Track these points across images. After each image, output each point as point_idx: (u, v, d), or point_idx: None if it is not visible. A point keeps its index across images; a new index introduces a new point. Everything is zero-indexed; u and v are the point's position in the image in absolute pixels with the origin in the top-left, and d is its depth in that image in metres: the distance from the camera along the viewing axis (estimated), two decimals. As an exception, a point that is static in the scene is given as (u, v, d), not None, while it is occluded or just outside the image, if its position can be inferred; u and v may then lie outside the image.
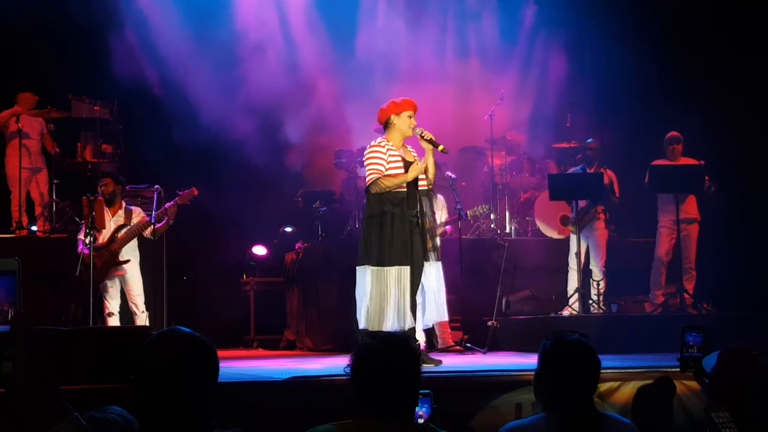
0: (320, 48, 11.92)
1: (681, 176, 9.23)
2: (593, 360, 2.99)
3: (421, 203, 6.52)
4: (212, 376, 2.09)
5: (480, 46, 12.43)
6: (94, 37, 10.65)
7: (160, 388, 2.00)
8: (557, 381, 2.94)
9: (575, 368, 2.94)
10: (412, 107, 6.65)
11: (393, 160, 6.51)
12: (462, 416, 4.64)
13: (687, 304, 8.93)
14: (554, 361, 2.98)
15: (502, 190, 11.22)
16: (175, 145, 10.74)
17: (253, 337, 11.40)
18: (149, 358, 2.03)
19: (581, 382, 2.94)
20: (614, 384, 4.98)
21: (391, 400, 2.65)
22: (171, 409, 1.99)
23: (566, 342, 3.00)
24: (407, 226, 6.44)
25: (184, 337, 2.09)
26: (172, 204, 8.47)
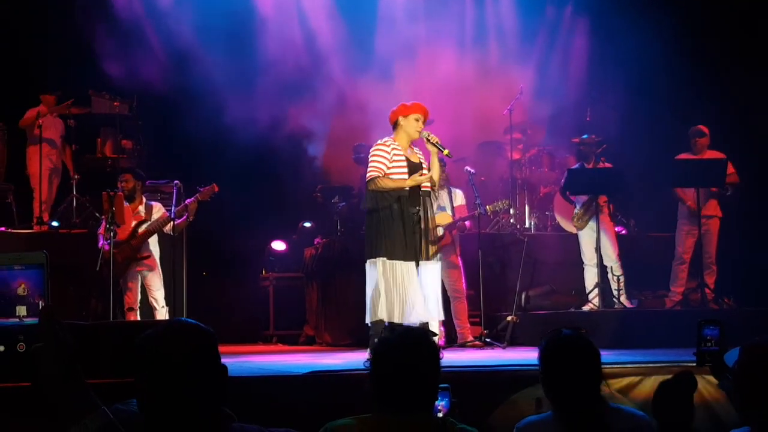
0: (339, 41, 11.91)
1: (702, 170, 9.15)
2: (590, 353, 2.97)
3: (423, 203, 6.58)
4: (218, 366, 2.05)
5: (500, 37, 12.38)
6: (115, 32, 10.69)
7: (166, 381, 1.96)
8: (557, 378, 2.94)
9: (572, 364, 2.93)
10: (421, 111, 6.67)
11: (397, 160, 6.57)
12: (481, 411, 4.62)
13: (708, 299, 8.87)
14: (551, 359, 2.98)
15: (522, 184, 11.19)
16: (195, 140, 10.77)
17: (272, 333, 11.42)
18: (153, 351, 1.99)
19: (581, 377, 2.93)
20: (635, 379, 4.95)
21: (410, 394, 2.65)
22: (178, 403, 1.96)
23: (561, 338, 2.99)
24: (409, 223, 6.51)
25: (188, 328, 2.05)
26: (192, 200, 8.49)
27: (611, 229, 9.36)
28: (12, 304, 1.79)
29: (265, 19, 11.70)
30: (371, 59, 11.70)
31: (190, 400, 1.96)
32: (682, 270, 9.45)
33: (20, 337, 1.74)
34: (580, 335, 3.01)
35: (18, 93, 10.70)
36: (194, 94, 10.65)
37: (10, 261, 1.81)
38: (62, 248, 9.55)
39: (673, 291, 9.45)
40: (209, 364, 2.01)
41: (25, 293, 1.81)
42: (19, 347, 1.73)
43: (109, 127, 10.92)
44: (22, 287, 1.81)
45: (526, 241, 9.54)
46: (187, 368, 1.97)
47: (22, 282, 1.81)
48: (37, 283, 1.82)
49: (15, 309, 1.79)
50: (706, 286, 8.93)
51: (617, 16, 11.40)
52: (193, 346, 2.00)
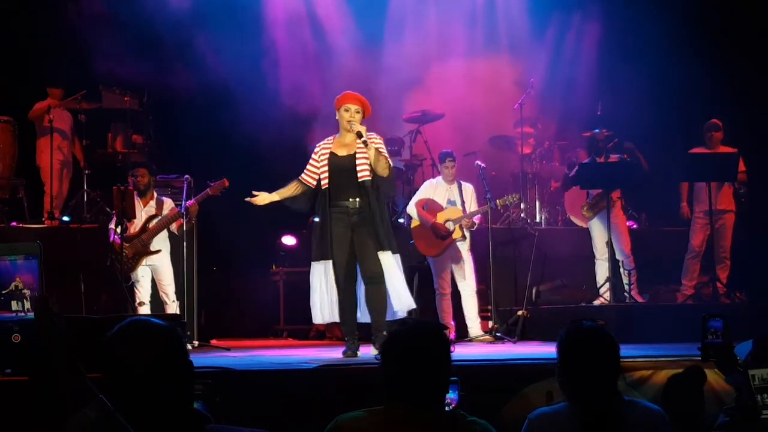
0: (349, 36, 11.91)
1: (714, 164, 9.12)
2: (611, 346, 2.95)
3: (362, 194, 6.43)
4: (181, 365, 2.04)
5: (510, 30, 12.36)
6: (123, 27, 10.70)
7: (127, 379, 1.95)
8: (576, 370, 2.92)
9: (592, 356, 2.91)
10: (351, 101, 6.54)
11: (322, 158, 6.60)
12: (492, 404, 4.62)
13: (719, 294, 8.84)
14: (571, 350, 2.96)
15: (532, 179, 11.17)
16: (205, 135, 10.78)
17: (282, 327, 11.43)
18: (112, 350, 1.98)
19: (600, 370, 2.91)
20: (646, 372, 4.94)
21: (420, 387, 2.64)
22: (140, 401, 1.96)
23: (581, 330, 2.98)
24: (327, 219, 6.47)
25: (146, 327, 2.05)
26: (192, 202, 8.45)
27: (623, 224, 9.34)
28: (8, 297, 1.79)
29: (275, 11, 11.71)
30: (381, 55, 11.69)
31: (153, 398, 1.96)
32: (695, 264, 9.43)
33: (15, 328, 1.73)
34: (601, 327, 2.99)
35: (28, 88, 10.72)
36: (204, 88, 10.66)
37: (4, 252, 1.81)
38: (73, 243, 9.58)
39: (685, 285, 9.42)
40: (171, 362, 2.01)
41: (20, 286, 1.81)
42: (14, 338, 1.73)
43: (119, 122, 10.93)
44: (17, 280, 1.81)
45: (536, 236, 9.53)
46: (146, 366, 1.96)
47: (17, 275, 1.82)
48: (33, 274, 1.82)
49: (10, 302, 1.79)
50: (718, 281, 8.91)
51: (629, 8, 11.37)
52: (152, 344, 2.00)
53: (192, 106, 10.76)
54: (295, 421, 3.69)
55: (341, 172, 6.49)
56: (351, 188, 6.44)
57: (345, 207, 6.45)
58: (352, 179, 6.44)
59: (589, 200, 9.33)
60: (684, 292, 9.37)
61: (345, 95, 6.59)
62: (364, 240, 6.40)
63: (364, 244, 6.41)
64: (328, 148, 6.59)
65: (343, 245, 6.44)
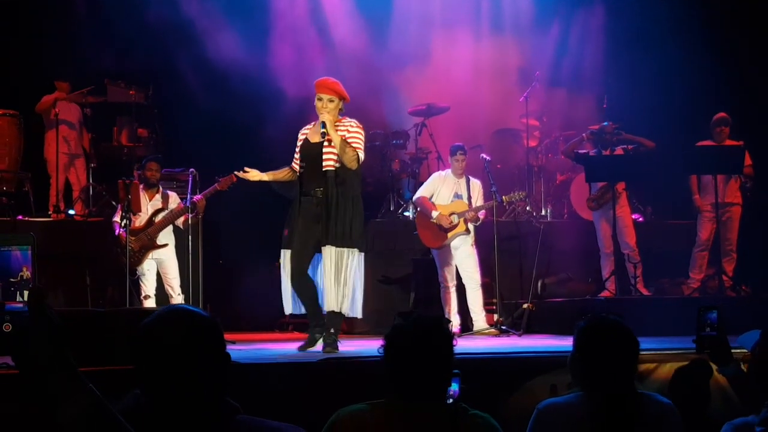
0: (354, 30, 11.89)
1: (721, 157, 9.09)
2: (631, 340, 2.95)
3: (327, 183, 6.21)
4: (220, 355, 2.01)
5: (516, 22, 12.33)
6: (129, 20, 10.70)
7: (165, 368, 1.92)
8: (595, 361, 2.91)
9: (613, 348, 2.91)
10: (321, 90, 6.33)
11: (300, 143, 6.48)
12: (496, 397, 4.61)
13: (725, 287, 8.82)
14: (591, 341, 2.95)
15: (538, 172, 11.15)
16: (210, 128, 10.77)
17: (288, 320, 11.42)
18: (153, 337, 1.95)
19: (620, 362, 2.91)
20: (651, 365, 4.93)
21: (423, 381, 2.66)
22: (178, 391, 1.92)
23: (604, 321, 2.98)
24: (296, 207, 6.33)
25: (189, 314, 2.00)
26: (200, 197, 8.44)
27: (628, 216, 9.32)
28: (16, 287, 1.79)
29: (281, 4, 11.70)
30: (386, 48, 11.67)
31: (190, 388, 1.93)
32: (703, 257, 9.42)
33: (6, 317, 1.73)
34: (620, 321, 2.99)
35: (34, 82, 10.73)
36: (210, 81, 10.65)
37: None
38: (79, 236, 9.60)
39: (692, 278, 9.41)
40: (209, 352, 1.98)
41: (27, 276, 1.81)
42: (5, 327, 1.73)
43: (125, 116, 10.95)
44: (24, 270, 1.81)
45: (542, 229, 9.51)
46: (186, 355, 1.93)
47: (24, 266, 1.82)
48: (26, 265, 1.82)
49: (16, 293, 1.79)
50: (724, 273, 8.89)
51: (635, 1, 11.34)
52: (193, 332, 1.97)
53: (197, 100, 10.75)
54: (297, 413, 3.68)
55: (311, 159, 6.31)
56: (318, 177, 6.24)
57: (311, 196, 6.28)
58: (318, 168, 6.24)
59: (594, 193, 9.31)
60: (691, 285, 9.35)
61: (319, 83, 6.38)
62: (306, 233, 6.25)
63: (306, 237, 6.26)
64: (305, 134, 6.46)
65: (304, 236, 6.26)
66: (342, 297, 6.16)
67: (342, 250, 6.17)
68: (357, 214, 6.28)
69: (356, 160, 6.19)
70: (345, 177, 6.22)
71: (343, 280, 6.16)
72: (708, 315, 3.35)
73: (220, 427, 1.96)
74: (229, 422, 1.98)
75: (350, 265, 6.20)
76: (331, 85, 6.34)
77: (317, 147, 6.26)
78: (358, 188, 6.37)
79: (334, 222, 6.14)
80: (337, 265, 6.14)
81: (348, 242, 6.19)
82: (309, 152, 6.32)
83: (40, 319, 1.71)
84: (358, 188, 6.36)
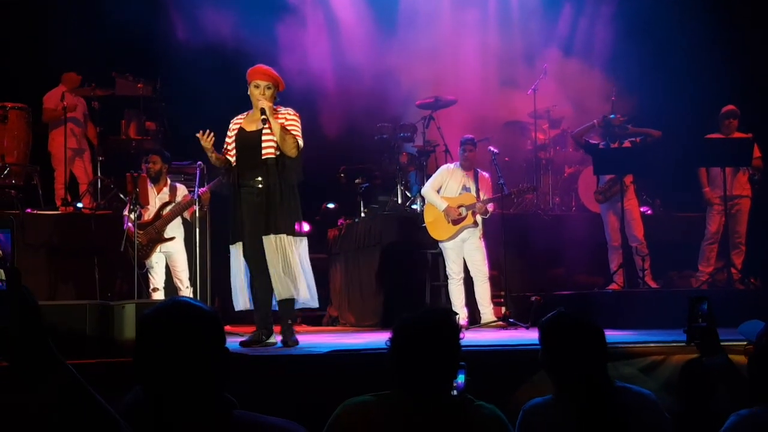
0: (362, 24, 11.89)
1: (729, 150, 9.06)
2: (595, 333, 2.94)
3: (268, 173, 6.05)
4: (221, 349, 2.00)
5: (524, 15, 12.31)
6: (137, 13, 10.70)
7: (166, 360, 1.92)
8: (559, 359, 2.92)
9: (576, 343, 2.91)
10: (258, 76, 6.19)
11: (232, 134, 6.30)
12: (503, 390, 4.61)
13: (734, 279, 8.80)
14: (552, 338, 2.96)
15: (546, 165, 11.13)
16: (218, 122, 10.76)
17: (296, 313, 11.44)
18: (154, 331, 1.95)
19: (584, 356, 2.90)
20: (658, 358, 4.92)
21: (429, 373, 2.66)
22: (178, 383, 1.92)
23: (564, 318, 2.97)
24: (237, 199, 6.13)
25: (191, 308, 2.00)
26: (205, 190, 8.45)
27: (636, 209, 9.29)
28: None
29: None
30: (394, 41, 11.66)
31: (186, 381, 1.93)
32: (712, 249, 9.40)
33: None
34: (581, 314, 2.98)
35: (40, 75, 10.74)
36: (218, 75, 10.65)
37: None
38: (87, 230, 9.63)
39: (701, 271, 9.38)
40: (208, 346, 1.97)
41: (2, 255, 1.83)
42: None
43: (132, 109, 10.96)
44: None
45: (549, 222, 9.49)
46: (184, 348, 1.93)
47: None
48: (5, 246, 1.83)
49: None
50: (733, 266, 8.87)
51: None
52: (192, 326, 1.96)
53: (205, 92, 10.75)
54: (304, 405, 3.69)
55: (248, 149, 6.13)
56: (256, 167, 6.07)
57: (251, 187, 6.10)
58: (257, 157, 6.07)
59: (602, 185, 9.29)
60: (699, 278, 9.33)
61: (255, 70, 6.23)
62: (252, 224, 6.08)
63: (252, 228, 6.08)
64: (239, 124, 6.27)
65: (250, 228, 6.09)
66: (291, 284, 6.03)
67: (289, 238, 6.06)
68: (297, 202, 6.20)
69: (296, 148, 6.06)
70: (285, 165, 6.08)
71: (291, 267, 6.03)
72: (699, 306, 3.35)
73: (217, 423, 1.96)
74: (225, 418, 1.98)
75: (296, 252, 6.09)
76: (267, 71, 6.22)
77: (255, 136, 6.12)
78: (299, 176, 6.21)
79: (277, 211, 6.01)
80: (285, 254, 6.01)
81: (292, 230, 6.09)
82: (246, 141, 6.14)
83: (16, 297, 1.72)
84: (298, 176, 6.20)
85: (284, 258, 6.02)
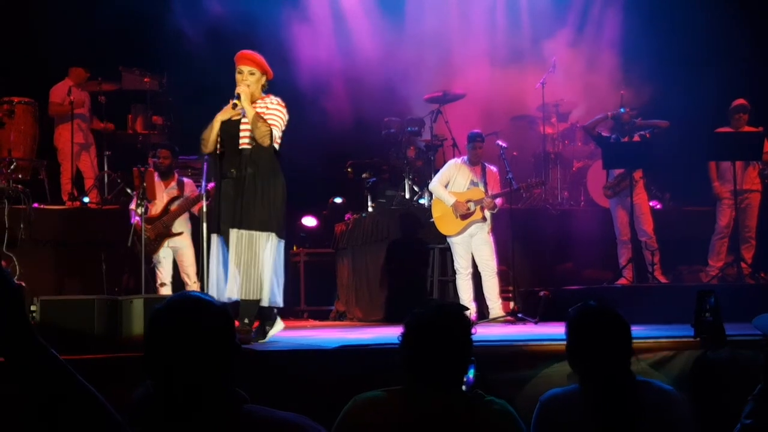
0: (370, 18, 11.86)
1: (740, 144, 9.01)
2: (619, 325, 2.93)
3: (241, 164, 5.85)
4: (231, 344, 2.00)
5: (532, 9, 12.27)
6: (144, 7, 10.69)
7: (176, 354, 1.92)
8: (586, 350, 2.91)
9: (604, 335, 2.89)
10: (242, 62, 6.00)
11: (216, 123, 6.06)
12: (513, 385, 4.59)
13: (744, 274, 8.76)
14: (580, 330, 2.94)
15: (555, 159, 11.09)
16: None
17: (303, 308, 11.45)
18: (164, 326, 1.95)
19: (610, 349, 2.89)
20: (668, 353, 4.88)
21: (440, 369, 2.65)
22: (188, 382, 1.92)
23: (593, 309, 2.95)
24: (219, 189, 5.94)
25: (200, 303, 2.00)
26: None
27: (645, 204, 9.25)
28: None
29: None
30: (403, 35, 11.63)
31: (196, 376, 1.92)
32: (722, 244, 9.36)
33: None
34: (609, 307, 2.96)
35: (47, 69, 10.74)
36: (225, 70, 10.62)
37: None
38: (94, 224, 9.63)
39: (711, 265, 9.36)
40: (218, 341, 1.97)
41: None
42: None
43: (139, 104, 10.96)
44: None
45: (558, 216, 9.46)
46: (194, 343, 1.93)
47: None
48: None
49: None
50: (743, 261, 8.84)
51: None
52: (202, 321, 1.96)
53: (212, 86, 10.73)
54: (313, 401, 3.68)
55: (229, 138, 5.95)
56: (234, 157, 5.90)
57: (229, 177, 5.92)
58: (236, 147, 5.89)
59: (611, 180, 9.25)
60: (709, 272, 9.29)
61: (238, 55, 6.04)
62: (228, 215, 5.85)
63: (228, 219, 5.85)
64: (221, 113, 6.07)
65: (224, 218, 5.88)
66: (255, 284, 5.75)
67: (251, 233, 5.78)
68: (276, 197, 5.89)
69: (268, 137, 5.78)
70: (259, 156, 5.85)
71: (254, 266, 5.74)
72: (707, 300, 3.33)
73: (227, 417, 1.95)
74: (236, 412, 1.97)
75: (263, 250, 5.79)
76: (251, 56, 6.03)
77: (235, 125, 5.94)
78: (276, 169, 5.95)
79: (243, 203, 5.78)
80: (246, 250, 5.74)
81: (259, 225, 5.79)
82: (227, 131, 5.97)
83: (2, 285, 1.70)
84: (275, 168, 5.94)
85: (246, 255, 5.74)
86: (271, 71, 6.11)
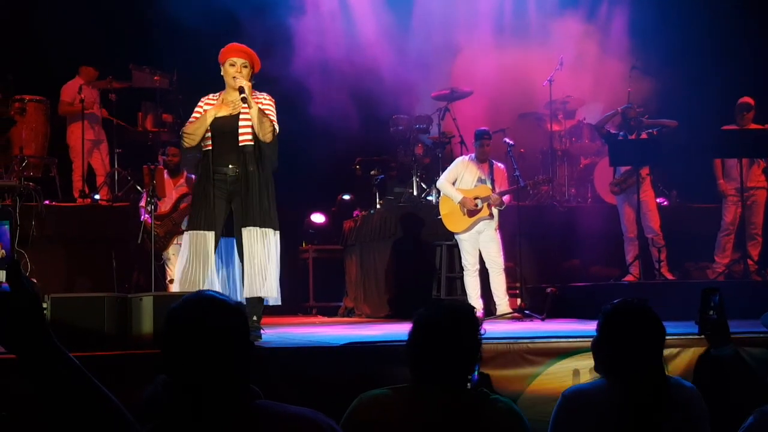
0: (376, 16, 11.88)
1: (746, 141, 9.02)
2: (657, 325, 2.94)
3: (243, 160, 5.72)
4: (246, 341, 2.05)
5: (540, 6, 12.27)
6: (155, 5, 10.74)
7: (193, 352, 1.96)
8: (620, 346, 2.89)
9: (639, 332, 2.89)
10: (235, 53, 5.84)
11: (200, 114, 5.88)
12: (519, 382, 4.62)
13: (751, 271, 8.77)
14: (617, 326, 2.93)
15: (562, 156, 11.10)
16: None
17: (311, 305, 11.50)
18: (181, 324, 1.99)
19: (646, 347, 2.89)
20: (674, 350, 4.91)
21: (448, 367, 2.67)
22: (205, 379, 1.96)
23: (630, 306, 2.96)
24: (210, 186, 5.73)
25: (216, 301, 2.04)
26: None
27: (652, 201, 9.26)
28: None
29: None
30: (409, 33, 11.64)
31: (213, 373, 1.97)
32: (728, 240, 9.37)
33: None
34: (647, 306, 2.98)
35: (58, 67, 10.79)
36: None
37: None
38: (104, 221, 9.69)
39: (718, 262, 9.37)
40: (233, 339, 2.01)
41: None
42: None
43: (149, 101, 11.00)
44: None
45: (565, 213, 9.47)
46: (210, 341, 1.97)
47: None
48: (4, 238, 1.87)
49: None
50: (749, 257, 8.85)
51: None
52: (218, 319, 2.00)
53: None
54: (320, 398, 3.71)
55: (222, 134, 5.76)
56: (231, 153, 5.73)
57: (224, 174, 5.75)
58: (233, 143, 5.73)
59: (618, 177, 9.26)
60: (716, 269, 9.30)
61: (229, 47, 5.90)
62: (237, 212, 5.76)
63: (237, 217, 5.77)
64: (213, 102, 5.90)
65: (220, 218, 5.78)
66: (263, 280, 5.69)
67: (265, 231, 5.72)
68: (273, 192, 5.83)
69: (272, 133, 5.71)
70: (263, 152, 5.77)
71: (266, 262, 5.70)
72: (712, 297, 3.36)
73: (241, 413, 1.99)
74: (249, 408, 2.01)
75: (271, 245, 5.76)
76: (243, 48, 5.90)
77: (232, 121, 5.77)
78: (274, 165, 5.87)
79: (254, 201, 5.68)
80: (261, 248, 5.69)
81: (268, 222, 5.74)
82: (221, 126, 5.77)
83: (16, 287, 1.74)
84: (273, 165, 5.86)
85: (263, 253, 5.70)
86: (259, 63, 5.99)
